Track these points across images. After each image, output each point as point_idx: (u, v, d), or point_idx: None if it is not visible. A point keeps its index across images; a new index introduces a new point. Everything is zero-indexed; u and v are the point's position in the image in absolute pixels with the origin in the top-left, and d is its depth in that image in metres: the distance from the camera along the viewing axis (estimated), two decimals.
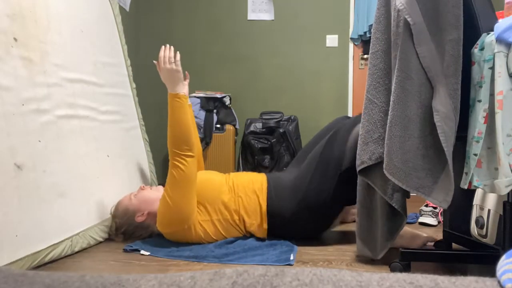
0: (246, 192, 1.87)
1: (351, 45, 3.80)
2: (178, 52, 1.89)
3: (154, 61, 1.98)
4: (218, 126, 3.41)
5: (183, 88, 1.84)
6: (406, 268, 1.44)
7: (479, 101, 1.27)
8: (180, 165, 1.75)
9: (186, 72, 2.34)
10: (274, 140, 3.39)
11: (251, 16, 3.86)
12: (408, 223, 2.30)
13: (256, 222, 1.85)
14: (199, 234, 1.80)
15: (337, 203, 1.87)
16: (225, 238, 1.86)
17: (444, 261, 1.58)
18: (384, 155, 1.35)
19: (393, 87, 1.33)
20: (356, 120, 1.84)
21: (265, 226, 1.85)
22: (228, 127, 3.43)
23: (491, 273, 0.60)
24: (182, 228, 1.77)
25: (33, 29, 1.70)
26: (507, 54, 1.19)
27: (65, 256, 1.69)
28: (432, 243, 1.78)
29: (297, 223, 1.85)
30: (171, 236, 1.82)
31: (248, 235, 1.90)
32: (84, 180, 1.89)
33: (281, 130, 3.41)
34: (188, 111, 1.82)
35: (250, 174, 1.99)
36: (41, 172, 1.60)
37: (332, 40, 3.81)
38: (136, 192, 1.98)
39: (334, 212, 1.90)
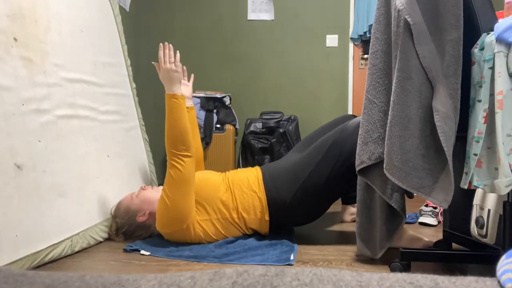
0: (243, 189, 1.87)
1: (351, 45, 3.80)
2: (178, 51, 1.89)
3: (153, 62, 1.98)
4: (218, 126, 3.42)
5: (180, 89, 1.85)
6: (406, 268, 1.44)
7: (479, 101, 1.27)
8: (177, 165, 1.75)
9: (192, 74, 2.34)
10: (274, 140, 3.39)
11: (251, 16, 3.86)
12: (408, 223, 2.30)
13: (256, 217, 1.85)
14: (198, 234, 1.80)
15: (336, 190, 1.91)
16: (226, 237, 1.86)
17: (444, 261, 1.58)
18: (384, 155, 1.35)
19: (393, 87, 1.33)
20: None
21: (267, 218, 1.86)
22: (228, 127, 3.43)
23: (491, 273, 0.60)
24: (180, 228, 1.77)
25: (33, 29, 1.70)
26: (507, 54, 1.19)
27: (65, 256, 1.69)
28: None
29: (297, 207, 1.86)
30: (170, 236, 1.82)
31: (249, 232, 1.90)
32: (84, 180, 1.89)
33: (281, 130, 3.41)
34: (186, 112, 1.82)
35: (245, 171, 1.99)
36: (41, 172, 1.60)
37: (332, 40, 3.81)
38: (137, 192, 1.99)
39: (331, 197, 1.94)
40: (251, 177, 1.91)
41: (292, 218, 1.94)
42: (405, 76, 1.30)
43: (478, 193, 1.62)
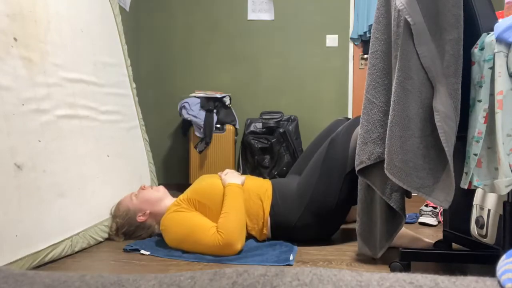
0: (250, 195, 1.86)
1: (351, 45, 3.80)
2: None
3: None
4: (218, 126, 3.41)
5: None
6: (406, 268, 1.44)
7: (479, 101, 1.27)
8: (216, 239, 1.68)
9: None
10: (274, 140, 3.39)
11: (251, 16, 3.86)
12: (408, 223, 2.30)
13: (258, 226, 1.85)
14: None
15: (343, 206, 1.87)
16: None
17: (444, 261, 1.58)
18: (385, 155, 1.35)
19: (393, 87, 1.33)
20: (356, 121, 1.83)
21: (265, 231, 1.85)
22: (228, 127, 3.43)
23: (491, 273, 0.60)
24: None
25: (33, 29, 1.70)
26: (507, 54, 1.19)
27: (65, 256, 1.69)
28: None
29: (305, 229, 1.85)
30: (177, 245, 1.78)
31: (249, 236, 1.90)
32: (84, 180, 1.89)
33: (281, 130, 3.41)
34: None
35: (255, 179, 1.99)
36: (41, 172, 1.60)
37: (332, 40, 3.80)
38: (137, 192, 1.99)
39: (341, 215, 1.90)
40: (261, 188, 1.90)
41: (299, 238, 1.89)
42: (405, 76, 1.30)
43: (478, 193, 1.62)
